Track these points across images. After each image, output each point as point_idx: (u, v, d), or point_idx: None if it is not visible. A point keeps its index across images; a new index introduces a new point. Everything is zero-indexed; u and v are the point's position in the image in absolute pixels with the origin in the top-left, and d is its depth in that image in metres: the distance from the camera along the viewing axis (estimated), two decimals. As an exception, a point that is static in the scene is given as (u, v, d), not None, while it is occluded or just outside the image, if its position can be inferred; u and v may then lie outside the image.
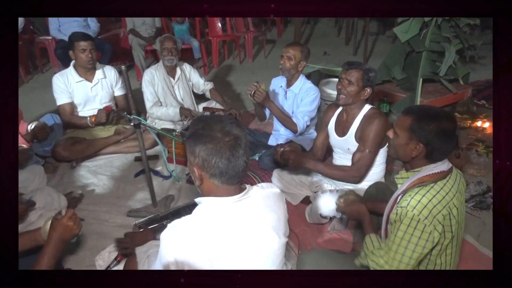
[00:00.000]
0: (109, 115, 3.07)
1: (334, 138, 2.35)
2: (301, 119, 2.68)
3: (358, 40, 6.37)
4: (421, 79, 3.41)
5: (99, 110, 3.05)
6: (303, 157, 2.22)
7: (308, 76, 3.92)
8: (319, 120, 3.05)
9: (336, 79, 3.88)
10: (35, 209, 2.21)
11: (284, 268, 1.47)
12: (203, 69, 5.30)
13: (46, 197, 2.34)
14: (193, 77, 3.54)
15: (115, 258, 1.99)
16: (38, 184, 2.61)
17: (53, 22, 4.75)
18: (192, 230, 1.20)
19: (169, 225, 1.24)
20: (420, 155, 1.48)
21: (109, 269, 1.95)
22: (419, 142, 1.45)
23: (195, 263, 1.18)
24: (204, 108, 3.48)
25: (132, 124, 2.21)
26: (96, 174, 2.93)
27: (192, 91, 3.55)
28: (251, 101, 2.71)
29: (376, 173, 2.29)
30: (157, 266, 1.29)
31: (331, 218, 2.28)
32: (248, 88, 2.65)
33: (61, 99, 3.08)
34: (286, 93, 2.82)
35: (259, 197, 1.31)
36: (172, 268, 1.20)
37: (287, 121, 2.69)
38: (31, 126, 2.85)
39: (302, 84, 2.76)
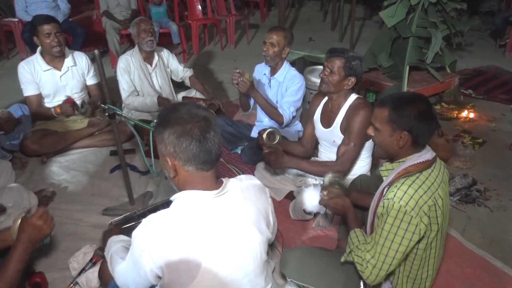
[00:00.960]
0: (73, 107, 2.87)
1: (319, 129, 2.26)
2: (287, 109, 2.57)
3: (345, 25, 6.26)
4: (407, 67, 3.34)
5: (62, 103, 2.85)
6: (284, 157, 2.12)
7: (293, 64, 3.80)
8: (304, 111, 2.95)
9: (321, 67, 3.83)
10: (5, 212, 2.06)
11: (267, 267, 1.41)
12: (182, 55, 5.09)
13: (15, 196, 2.19)
14: (171, 64, 3.36)
15: (90, 260, 1.89)
16: (5, 181, 2.44)
17: (19, 2, 4.44)
18: (168, 224, 1.13)
19: (143, 220, 1.17)
20: (407, 144, 1.44)
21: (84, 271, 1.84)
22: (402, 131, 1.42)
23: (171, 259, 1.12)
24: (184, 98, 3.32)
25: (106, 114, 2.06)
26: (69, 170, 2.76)
27: (171, 78, 3.38)
28: (237, 89, 2.56)
29: (361, 166, 2.22)
30: (130, 268, 1.22)
31: (315, 214, 2.20)
32: (232, 76, 2.50)
33: (27, 90, 2.87)
34: (270, 81, 2.70)
35: (238, 190, 1.25)
36: (148, 266, 1.13)
37: (273, 112, 2.57)
38: None
39: (287, 71, 2.63)
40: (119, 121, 2.25)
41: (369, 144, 2.16)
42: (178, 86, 3.50)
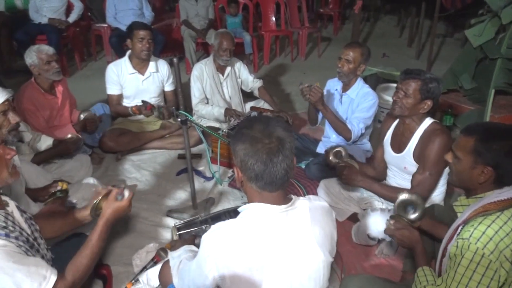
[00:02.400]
0: (158, 109, 3.03)
1: (389, 153, 2.15)
2: (356, 125, 2.49)
3: (423, 42, 5.96)
4: (493, 91, 3.08)
5: (141, 107, 3.03)
6: (358, 174, 2.05)
7: (365, 80, 3.68)
8: (375, 130, 2.83)
9: (395, 85, 3.67)
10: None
11: None
12: (252, 65, 5.18)
13: (91, 190, 2.33)
14: (242, 74, 3.42)
15: (152, 259, 1.97)
16: (84, 174, 2.64)
17: (110, 9, 4.83)
18: (236, 234, 1.15)
19: (213, 227, 1.20)
20: (489, 181, 1.32)
21: (145, 269, 1.92)
22: (486, 166, 1.30)
23: (236, 271, 1.13)
24: (252, 108, 3.36)
25: (179, 120, 2.15)
26: (140, 169, 2.91)
27: (241, 88, 3.45)
28: (307, 100, 2.53)
29: (434, 196, 2.07)
30: (193, 269, 1.25)
31: (379, 241, 2.09)
32: (303, 91, 2.47)
33: (111, 89, 3.11)
34: (341, 97, 2.63)
35: (306, 209, 1.22)
36: (211, 273, 1.15)
37: (341, 127, 2.50)
38: (82, 116, 2.89)
39: (360, 88, 2.55)
40: (189, 126, 2.33)
41: (444, 172, 2.01)
42: (247, 96, 3.55)
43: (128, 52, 3.10)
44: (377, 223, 1.92)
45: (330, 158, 2.23)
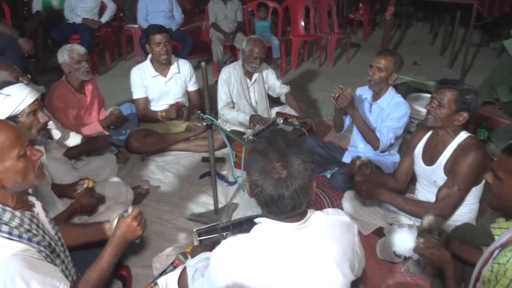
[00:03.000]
0: (179, 111, 3.06)
1: (419, 166, 2.06)
2: (385, 134, 2.40)
3: (456, 50, 5.76)
4: (532, 105, 2.93)
5: (170, 106, 3.04)
6: (378, 188, 1.98)
7: (395, 88, 3.59)
8: (404, 141, 2.74)
9: (427, 95, 3.56)
10: (105, 203, 2.22)
11: None
12: (279, 70, 5.14)
13: (115, 190, 2.35)
14: (270, 79, 3.39)
15: (172, 263, 1.95)
16: (109, 173, 2.67)
17: (141, 11, 4.90)
18: (246, 252, 1.11)
19: (222, 242, 1.16)
20: None
21: (165, 273, 1.91)
22: None
23: None
24: (277, 113, 3.33)
25: (204, 123, 2.14)
26: (164, 170, 2.92)
27: (267, 93, 3.42)
28: (334, 105, 2.47)
29: (465, 213, 1.97)
30: (205, 286, 1.22)
31: (406, 258, 2.01)
32: (332, 90, 2.42)
33: (136, 93, 3.14)
34: (371, 106, 2.55)
35: (322, 225, 1.16)
36: None
37: (370, 134, 2.42)
38: (109, 112, 2.93)
39: (391, 98, 2.47)
40: (214, 129, 2.32)
41: (477, 189, 1.92)
42: (273, 101, 3.52)
43: (150, 55, 3.12)
44: (404, 240, 1.85)
45: (356, 167, 2.16)
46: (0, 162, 1.18)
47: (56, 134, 2.52)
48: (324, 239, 1.14)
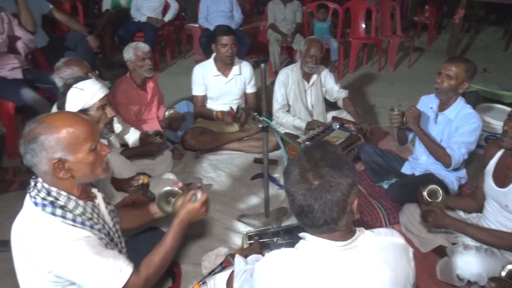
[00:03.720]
0: (233, 119, 3.06)
1: (490, 186, 1.89)
2: (457, 150, 2.22)
3: (533, 58, 5.29)
4: None
5: (225, 113, 3.05)
6: (446, 218, 1.84)
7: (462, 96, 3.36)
8: (473, 156, 2.54)
9: (499, 105, 3.29)
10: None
11: None
12: (337, 73, 5.01)
13: (169, 186, 2.39)
14: (328, 83, 3.31)
15: (221, 264, 1.95)
16: (164, 168, 2.74)
17: (203, 11, 5.00)
18: (290, 268, 1.07)
19: (267, 256, 1.13)
20: None
21: (213, 273, 1.91)
22: None
23: None
24: (333, 118, 3.24)
25: (260, 126, 2.12)
26: (216, 169, 2.94)
27: (324, 97, 3.34)
28: (396, 126, 2.37)
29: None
30: None
31: (469, 282, 1.85)
32: (392, 120, 2.33)
33: (196, 90, 3.18)
34: (436, 116, 2.39)
35: (373, 248, 1.08)
36: None
37: (439, 152, 2.25)
38: (167, 113, 3.01)
39: (460, 108, 2.29)
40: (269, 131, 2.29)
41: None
42: (329, 105, 3.43)
43: (214, 54, 3.16)
44: (470, 264, 1.70)
45: (424, 197, 2.02)
46: (74, 153, 1.24)
47: (118, 128, 2.62)
48: (375, 263, 1.06)
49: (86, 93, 1.79)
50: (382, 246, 1.09)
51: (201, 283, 1.89)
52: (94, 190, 1.46)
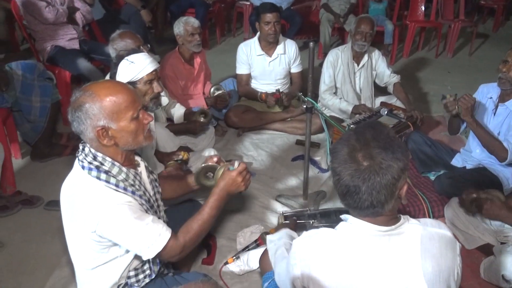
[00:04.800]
0: (277, 101, 3.04)
1: None
2: None
3: None
4: None
5: (270, 96, 3.02)
6: (504, 209, 1.71)
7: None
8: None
9: None
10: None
11: None
12: (390, 57, 4.79)
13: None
14: (379, 66, 3.17)
15: (255, 241, 1.97)
16: (207, 144, 2.79)
17: (254, -12, 4.94)
18: (327, 248, 1.05)
19: (305, 233, 1.12)
20: None
21: (247, 249, 1.94)
22: None
23: (321, 285, 1.05)
24: (382, 103, 3.11)
25: (304, 106, 2.08)
26: (257, 148, 2.95)
27: (374, 81, 3.20)
28: (449, 113, 2.23)
29: None
30: (284, 268, 1.21)
31: (517, 285, 1.74)
32: (448, 106, 2.17)
33: (240, 69, 3.18)
34: (496, 108, 2.22)
35: (417, 236, 1.03)
36: (297, 281, 1.10)
37: (494, 144, 2.10)
38: (214, 92, 3.03)
39: None
40: (313, 113, 2.24)
41: None
42: (379, 90, 3.29)
43: (258, 33, 3.11)
44: (518, 266, 1.60)
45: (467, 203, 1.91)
46: (116, 121, 1.27)
47: (164, 101, 2.69)
48: (418, 253, 1.01)
49: (136, 66, 1.83)
50: (428, 236, 1.04)
51: (234, 257, 1.93)
52: (138, 158, 1.50)
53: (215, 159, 1.65)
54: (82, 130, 1.27)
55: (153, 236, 1.30)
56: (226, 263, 1.91)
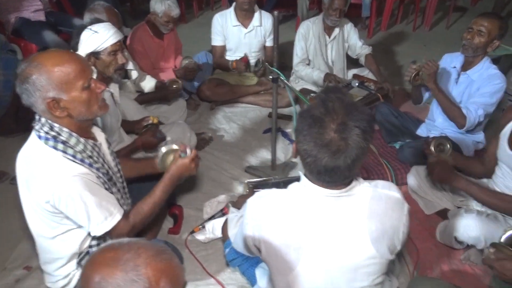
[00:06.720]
0: (247, 66, 3.02)
1: (503, 150, 1.79)
2: (474, 111, 2.11)
3: None
4: None
5: (238, 60, 3.00)
6: (452, 173, 1.77)
7: (496, 61, 3.13)
8: (495, 120, 2.41)
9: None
10: (165, 143, 2.31)
11: (386, 286, 1.26)
12: (367, 31, 4.78)
13: (180, 133, 2.44)
14: (351, 38, 3.16)
15: (221, 210, 2.01)
16: (178, 117, 2.78)
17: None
18: (278, 208, 1.09)
19: (257, 193, 1.15)
20: None
21: (213, 218, 1.98)
22: None
23: (272, 244, 1.09)
24: (354, 76, 3.13)
25: (270, 77, 2.09)
26: (230, 121, 2.96)
27: (346, 53, 3.21)
28: (411, 83, 2.28)
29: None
30: (237, 234, 1.25)
31: (468, 246, 1.82)
32: (407, 71, 2.22)
33: (215, 40, 3.14)
34: (458, 76, 2.26)
35: (366, 197, 1.07)
36: (250, 240, 1.14)
37: (454, 111, 2.15)
38: (184, 62, 3.00)
39: (485, 69, 2.15)
40: (283, 86, 2.25)
41: None
42: (352, 62, 3.30)
43: (234, 3, 3.07)
44: (469, 227, 1.66)
45: (432, 148, 1.95)
46: (66, 92, 1.25)
47: (134, 74, 2.65)
48: (364, 213, 1.06)
49: (99, 36, 1.79)
50: (376, 197, 1.09)
51: (200, 226, 1.97)
52: (97, 130, 1.49)
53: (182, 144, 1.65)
54: (32, 102, 1.24)
55: (103, 215, 1.32)
56: (192, 232, 1.95)
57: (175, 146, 1.69)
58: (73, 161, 1.28)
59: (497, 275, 1.34)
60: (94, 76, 1.47)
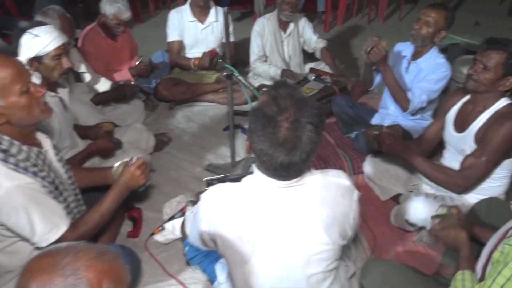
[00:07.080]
0: (212, 60, 2.99)
1: (449, 132, 1.89)
2: (418, 96, 2.20)
3: (528, 11, 5.10)
4: None
5: (204, 53, 2.99)
6: (402, 145, 1.84)
7: (444, 50, 3.27)
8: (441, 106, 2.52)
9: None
10: (121, 148, 2.26)
11: (341, 271, 1.31)
12: (324, 25, 4.87)
13: (137, 135, 2.40)
14: (306, 33, 3.21)
15: (180, 210, 2.00)
16: (136, 119, 2.74)
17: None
18: (231, 201, 1.11)
19: (211, 188, 1.16)
20: None
21: (173, 219, 1.96)
22: None
23: (227, 237, 1.11)
24: (311, 70, 3.18)
25: (224, 74, 2.08)
26: (189, 120, 2.94)
27: (303, 48, 3.26)
28: (364, 59, 2.32)
29: (493, 187, 1.80)
30: (194, 229, 1.24)
31: (421, 228, 1.90)
32: (365, 42, 2.25)
33: (171, 36, 3.08)
34: (409, 65, 2.34)
35: (317, 186, 1.10)
36: (205, 236, 1.14)
37: (399, 93, 2.22)
38: (137, 61, 2.95)
39: (433, 58, 2.24)
40: (236, 83, 2.25)
41: (510, 163, 1.73)
42: (308, 56, 3.35)
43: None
44: (417, 209, 1.74)
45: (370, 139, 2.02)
46: (3, 97, 1.20)
47: (87, 77, 2.59)
48: (315, 201, 1.09)
49: (41, 40, 1.70)
50: (326, 185, 1.11)
51: (160, 228, 1.95)
52: (42, 136, 1.44)
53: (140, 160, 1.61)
54: None
55: (49, 225, 1.28)
56: (152, 234, 1.93)
57: (127, 159, 1.67)
58: (16, 170, 1.23)
59: (444, 244, 1.40)
60: (34, 80, 1.42)
